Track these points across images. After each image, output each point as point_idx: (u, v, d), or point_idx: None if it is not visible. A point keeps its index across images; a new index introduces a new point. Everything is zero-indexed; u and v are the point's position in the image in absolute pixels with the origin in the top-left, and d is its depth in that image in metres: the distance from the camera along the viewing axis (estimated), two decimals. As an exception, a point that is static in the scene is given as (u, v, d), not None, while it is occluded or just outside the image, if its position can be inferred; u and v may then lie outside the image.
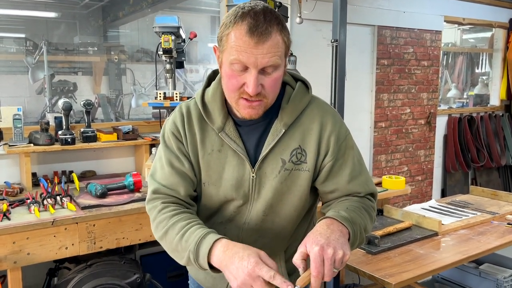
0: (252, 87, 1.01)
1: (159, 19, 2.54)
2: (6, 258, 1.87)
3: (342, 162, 1.17)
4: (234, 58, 1.00)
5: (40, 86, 2.92)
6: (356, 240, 1.08)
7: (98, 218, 2.05)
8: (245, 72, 1.02)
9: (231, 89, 1.05)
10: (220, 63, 1.08)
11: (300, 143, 1.14)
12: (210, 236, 1.02)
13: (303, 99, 1.17)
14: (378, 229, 2.10)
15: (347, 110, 2.27)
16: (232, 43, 1.00)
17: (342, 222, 1.05)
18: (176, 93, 2.62)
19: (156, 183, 1.17)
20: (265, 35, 0.99)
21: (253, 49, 0.99)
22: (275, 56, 1.01)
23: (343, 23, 2.21)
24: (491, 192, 2.78)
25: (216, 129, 1.14)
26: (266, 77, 1.03)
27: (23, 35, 2.86)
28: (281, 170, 1.14)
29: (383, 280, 1.66)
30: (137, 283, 2.15)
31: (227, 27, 1.02)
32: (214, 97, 1.15)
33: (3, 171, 2.53)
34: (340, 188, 1.18)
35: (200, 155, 1.16)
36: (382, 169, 4.34)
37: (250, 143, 1.15)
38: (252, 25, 0.98)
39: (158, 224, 1.12)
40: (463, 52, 5.40)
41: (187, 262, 1.06)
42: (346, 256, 0.98)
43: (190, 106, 1.19)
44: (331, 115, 1.18)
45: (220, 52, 1.06)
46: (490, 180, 5.24)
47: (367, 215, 1.15)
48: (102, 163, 2.83)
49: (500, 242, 2.04)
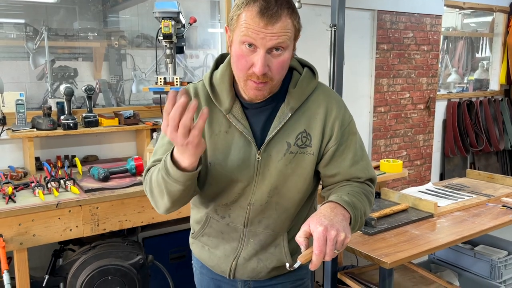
0: (259, 66, 1.03)
1: (159, 4, 2.55)
2: (13, 240, 1.92)
3: (345, 147, 1.20)
4: (243, 35, 1.03)
5: (41, 71, 2.93)
6: (356, 224, 1.11)
7: (101, 201, 2.10)
8: (254, 53, 1.05)
9: (240, 68, 1.08)
10: (230, 42, 1.10)
11: (306, 127, 1.18)
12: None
13: (310, 84, 1.20)
14: (375, 211, 2.14)
15: (346, 95, 2.29)
16: (242, 23, 1.03)
17: (345, 207, 1.08)
18: (177, 78, 2.64)
19: (158, 156, 1.20)
20: (275, 17, 1.01)
21: (263, 29, 1.01)
22: (284, 36, 1.04)
23: (342, 7, 2.22)
24: (487, 175, 2.82)
25: (224, 110, 1.16)
26: (274, 59, 1.06)
27: (22, 20, 2.86)
28: (286, 153, 1.17)
29: (379, 260, 1.71)
30: (140, 264, 2.21)
31: (239, 7, 1.05)
32: (222, 79, 1.18)
33: (7, 155, 2.57)
34: (342, 172, 1.21)
35: (207, 135, 1.18)
36: (381, 154, 4.38)
37: (257, 126, 1.18)
38: (263, 7, 1.01)
39: (146, 181, 1.18)
40: (464, 36, 5.38)
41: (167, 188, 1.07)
42: (347, 238, 1.01)
43: (198, 87, 1.22)
44: (336, 101, 1.21)
45: (231, 31, 1.09)
46: (489, 164, 5.28)
47: (367, 200, 1.19)
48: (104, 147, 2.87)
49: (494, 223, 2.09)
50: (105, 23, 3.16)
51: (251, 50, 1.04)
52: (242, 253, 1.26)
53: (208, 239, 1.30)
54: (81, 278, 2.10)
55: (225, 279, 1.31)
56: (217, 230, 1.27)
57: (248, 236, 1.24)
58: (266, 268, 1.27)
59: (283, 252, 1.26)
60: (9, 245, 1.92)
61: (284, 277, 1.33)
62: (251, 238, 1.25)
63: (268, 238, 1.25)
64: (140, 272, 2.20)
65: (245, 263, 1.27)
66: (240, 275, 1.29)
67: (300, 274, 1.36)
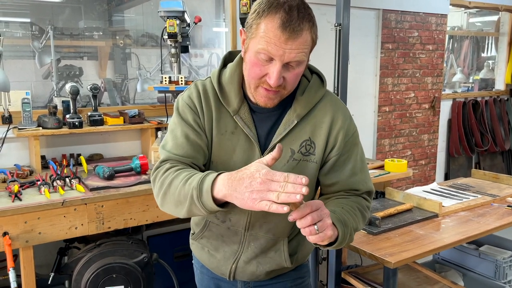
0: (274, 79, 1.02)
1: (164, 4, 2.55)
2: (18, 237, 1.94)
3: (346, 157, 1.20)
4: (262, 48, 1.01)
5: (46, 70, 2.95)
6: (344, 241, 1.08)
7: (106, 199, 2.11)
8: (269, 63, 1.03)
9: (253, 76, 1.07)
10: (246, 48, 1.08)
11: (310, 135, 1.17)
12: (213, 173, 0.99)
13: (318, 92, 1.19)
14: (380, 210, 2.14)
15: (351, 94, 2.29)
16: (262, 33, 1.01)
17: (334, 223, 1.03)
18: (181, 77, 2.64)
19: (167, 152, 1.14)
20: (296, 32, 0.99)
21: (283, 44, 0.99)
22: (302, 52, 1.02)
23: (347, 6, 2.22)
24: (493, 175, 2.81)
25: (231, 111, 1.16)
26: (289, 71, 1.05)
27: (28, 19, 2.88)
28: (289, 160, 1.16)
29: (383, 259, 1.71)
30: (145, 262, 2.22)
31: (259, 16, 1.01)
32: (231, 79, 1.16)
33: (13, 154, 2.59)
34: (341, 181, 1.21)
35: (214, 133, 1.17)
36: (386, 153, 4.37)
37: (262, 130, 1.17)
38: (285, 20, 0.98)
39: (163, 180, 1.08)
40: (469, 36, 5.36)
41: (190, 207, 1.00)
42: (329, 227, 0.96)
43: (206, 84, 1.20)
44: (342, 111, 1.21)
45: (248, 38, 1.06)
46: (494, 164, 5.25)
47: (360, 216, 1.18)
48: (109, 146, 2.89)
49: (499, 223, 2.08)
50: (110, 22, 3.17)
51: (267, 61, 1.03)
52: (242, 256, 1.26)
53: (208, 241, 1.30)
54: (86, 276, 2.12)
55: (225, 279, 1.32)
56: (217, 234, 1.27)
57: (249, 239, 1.24)
58: (265, 271, 1.27)
59: (283, 256, 1.26)
60: (15, 242, 1.93)
61: (284, 276, 1.33)
62: (252, 242, 1.25)
63: (269, 242, 1.25)
64: (144, 270, 2.21)
65: (245, 266, 1.27)
66: (239, 277, 1.30)
67: (300, 272, 1.36)
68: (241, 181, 0.90)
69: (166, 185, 1.07)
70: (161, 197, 1.10)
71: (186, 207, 1.02)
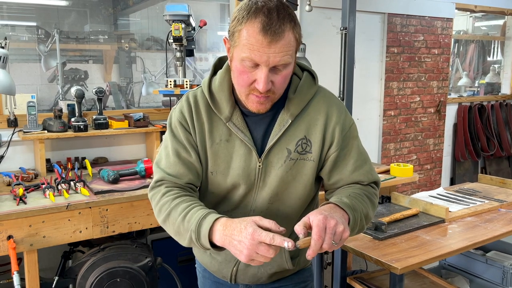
0: (262, 84, 1.02)
1: (169, 7, 2.56)
2: (23, 241, 1.94)
3: (346, 152, 1.19)
4: (246, 56, 1.00)
5: (52, 74, 2.96)
6: (356, 226, 1.09)
7: (110, 203, 2.11)
8: (255, 69, 1.02)
9: (242, 84, 1.06)
10: (231, 57, 1.07)
11: (306, 134, 1.16)
12: (211, 216, 1.03)
13: (310, 90, 1.18)
14: (385, 215, 2.12)
15: (356, 98, 2.28)
16: (244, 41, 1.00)
17: (344, 208, 1.07)
18: (186, 81, 2.65)
19: (161, 171, 1.17)
20: (278, 34, 0.98)
21: (266, 48, 0.98)
22: (287, 55, 1.01)
23: (353, 10, 2.22)
24: (500, 180, 2.78)
25: (224, 119, 1.15)
26: (277, 74, 1.04)
27: (34, 23, 2.89)
28: (286, 160, 1.16)
29: (389, 265, 1.69)
30: (149, 266, 2.21)
31: (240, 22, 1.01)
32: (221, 86, 1.15)
33: (18, 157, 2.60)
34: (344, 178, 1.20)
35: (208, 145, 1.17)
36: (391, 158, 4.35)
37: (257, 133, 1.17)
38: (265, 23, 0.97)
39: (161, 206, 1.12)
40: (475, 40, 5.34)
41: (189, 243, 1.07)
42: (346, 232, 1.00)
43: (197, 95, 1.19)
44: (336, 106, 1.19)
45: (232, 46, 1.05)
46: (500, 169, 5.22)
47: (369, 202, 1.17)
48: (113, 149, 2.89)
49: (506, 229, 2.05)
50: (115, 26, 3.19)
51: (253, 67, 1.02)
52: None
53: None
54: (90, 280, 2.11)
55: (227, 283, 1.31)
56: None
57: None
58: (267, 273, 1.27)
59: (283, 258, 1.25)
60: (19, 246, 1.93)
61: (286, 280, 1.32)
62: None
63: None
64: (148, 275, 2.20)
65: (246, 268, 1.26)
66: (241, 280, 1.29)
67: (303, 276, 1.35)
68: (232, 237, 0.98)
69: (165, 214, 1.11)
70: (161, 222, 1.15)
71: (186, 241, 1.07)
